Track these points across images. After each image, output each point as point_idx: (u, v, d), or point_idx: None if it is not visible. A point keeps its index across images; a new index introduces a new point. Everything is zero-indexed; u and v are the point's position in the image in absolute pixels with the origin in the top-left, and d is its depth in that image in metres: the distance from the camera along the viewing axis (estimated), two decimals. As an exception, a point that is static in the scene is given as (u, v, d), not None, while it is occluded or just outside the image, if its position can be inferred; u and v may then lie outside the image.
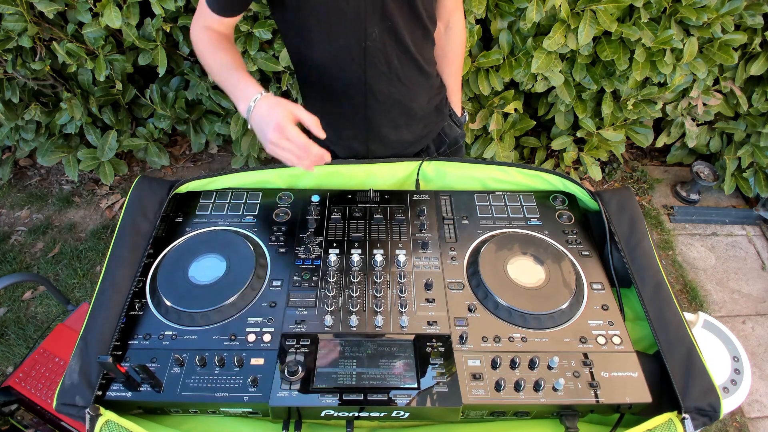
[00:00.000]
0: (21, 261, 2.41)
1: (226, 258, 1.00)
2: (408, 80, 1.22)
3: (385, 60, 1.15)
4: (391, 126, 1.29)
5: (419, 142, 1.39)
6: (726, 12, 1.92)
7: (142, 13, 2.01)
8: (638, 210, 1.08)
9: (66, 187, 2.75)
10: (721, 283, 2.46)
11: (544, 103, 2.37)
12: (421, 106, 1.31)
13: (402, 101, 1.25)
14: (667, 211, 2.76)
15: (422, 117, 1.34)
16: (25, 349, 2.08)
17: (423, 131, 1.37)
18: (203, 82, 2.26)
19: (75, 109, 2.17)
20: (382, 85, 1.19)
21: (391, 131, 1.30)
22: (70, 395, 0.80)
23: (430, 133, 1.41)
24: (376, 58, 1.13)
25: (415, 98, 1.28)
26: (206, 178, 1.16)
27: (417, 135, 1.36)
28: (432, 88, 1.33)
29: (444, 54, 1.37)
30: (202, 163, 2.88)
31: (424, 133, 1.38)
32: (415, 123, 1.33)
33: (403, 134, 1.32)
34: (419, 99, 1.29)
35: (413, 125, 1.33)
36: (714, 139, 2.59)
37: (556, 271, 1.00)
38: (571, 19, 1.85)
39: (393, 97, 1.23)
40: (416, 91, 1.27)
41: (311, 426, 0.92)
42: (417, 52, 1.19)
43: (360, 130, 1.29)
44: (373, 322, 0.93)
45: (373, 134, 1.29)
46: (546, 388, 0.85)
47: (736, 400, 1.21)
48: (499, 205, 1.16)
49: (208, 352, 0.88)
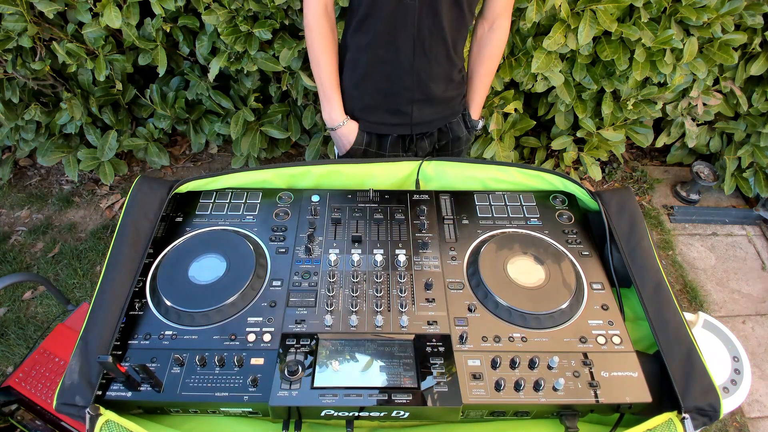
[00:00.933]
0: (21, 261, 2.41)
1: (226, 258, 1.00)
2: (432, 56, 1.29)
3: (416, 25, 1.22)
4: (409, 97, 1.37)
5: (432, 123, 1.45)
6: (726, 12, 1.92)
7: (142, 13, 2.01)
8: (638, 210, 1.08)
9: (66, 187, 2.75)
10: (721, 283, 2.46)
11: (544, 103, 2.38)
12: (437, 91, 1.36)
13: (421, 75, 1.32)
14: (667, 211, 2.76)
15: (437, 101, 1.39)
16: (25, 349, 2.08)
17: (431, 116, 1.42)
18: (203, 82, 2.26)
19: (75, 109, 2.17)
20: (408, 48, 1.27)
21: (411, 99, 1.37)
22: (70, 395, 0.80)
23: (435, 122, 1.45)
24: (408, 18, 1.22)
25: (434, 79, 1.34)
26: (206, 178, 1.16)
27: (426, 116, 1.41)
28: (452, 81, 1.38)
29: (480, 52, 1.41)
30: (202, 163, 2.88)
31: (430, 118, 1.43)
32: (427, 104, 1.39)
33: (419, 110, 1.40)
34: (437, 82, 1.35)
35: (425, 105, 1.39)
36: (714, 139, 2.59)
37: (556, 271, 1.00)
38: (571, 19, 1.86)
39: (414, 65, 1.30)
40: (437, 71, 1.33)
41: (311, 426, 0.92)
42: (448, 31, 1.25)
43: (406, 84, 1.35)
44: (373, 322, 0.93)
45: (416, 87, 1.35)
46: (546, 388, 0.85)
47: (736, 400, 1.21)
48: (499, 205, 1.16)
49: (208, 351, 0.88)
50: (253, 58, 2.04)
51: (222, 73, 2.28)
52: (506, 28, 1.38)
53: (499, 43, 1.40)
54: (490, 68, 1.44)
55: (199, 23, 2.07)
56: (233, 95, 2.34)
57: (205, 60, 2.15)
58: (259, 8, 1.93)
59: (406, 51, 1.28)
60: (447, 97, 1.42)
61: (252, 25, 1.96)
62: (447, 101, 1.43)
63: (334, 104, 1.39)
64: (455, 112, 1.48)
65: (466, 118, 1.51)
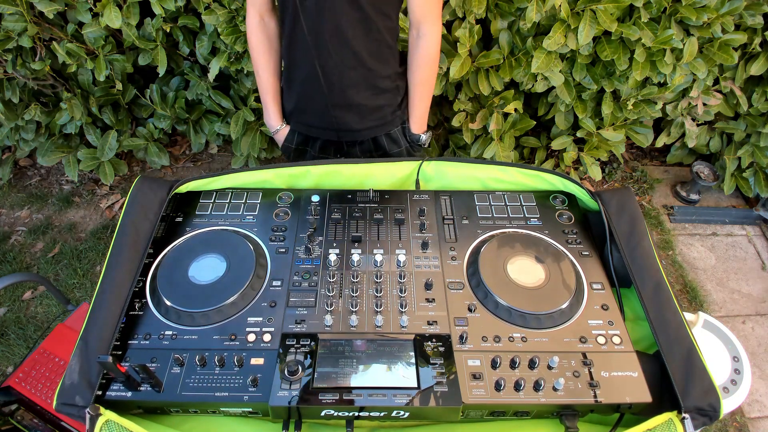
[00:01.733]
0: (21, 261, 2.41)
1: (226, 258, 1.00)
2: (340, 60, 1.27)
3: (315, 29, 1.22)
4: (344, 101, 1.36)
5: (361, 132, 1.42)
6: (726, 12, 1.92)
7: (142, 13, 2.01)
8: (638, 210, 1.08)
9: (66, 187, 2.75)
10: (721, 283, 2.46)
11: (544, 103, 2.37)
12: (359, 98, 1.34)
13: (333, 80, 1.31)
14: (667, 211, 2.76)
15: (362, 109, 1.36)
16: (25, 349, 2.08)
17: (358, 124, 1.40)
18: (203, 82, 2.26)
19: (75, 109, 2.17)
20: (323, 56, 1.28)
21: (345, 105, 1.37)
22: (70, 395, 0.80)
23: (364, 131, 1.42)
24: (309, 20, 1.22)
25: (352, 85, 1.32)
26: (206, 178, 1.16)
27: (351, 124, 1.40)
28: (377, 88, 1.34)
29: (411, 61, 1.35)
30: (202, 163, 2.88)
31: (357, 126, 1.40)
32: (349, 110, 1.37)
33: (346, 116, 1.39)
34: (356, 88, 1.32)
35: (347, 112, 1.37)
36: (714, 139, 2.59)
37: (556, 271, 1.00)
38: (571, 19, 1.85)
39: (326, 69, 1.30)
40: (352, 76, 1.30)
41: (311, 426, 0.92)
42: (351, 35, 1.22)
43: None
44: (373, 321, 0.93)
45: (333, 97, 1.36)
46: (546, 388, 0.85)
47: (736, 400, 1.21)
48: (499, 205, 1.16)
49: (208, 351, 0.88)
50: (253, 58, 2.05)
51: (222, 73, 2.28)
52: (432, 34, 1.28)
53: (426, 51, 1.30)
54: (421, 78, 1.35)
55: (199, 23, 2.07)
56: (233, 95, 2.34)
57: (205, 60, 2.15)
58: (259, 8, 1.93)
59: (311, 53, 1.26)
60: (375, 106, 1.36)
61: (252, 25, 1.96)
62: (375, 110, 1.37)
63: (269, 111, 1.47)
64: (388, 123, 1.41)
65: (406, 131, 1.45)
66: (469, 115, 2.26)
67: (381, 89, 1.35)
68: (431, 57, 1.32)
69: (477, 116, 2.23)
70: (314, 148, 1.50)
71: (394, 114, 1.42)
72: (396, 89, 1.39)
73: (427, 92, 1.40)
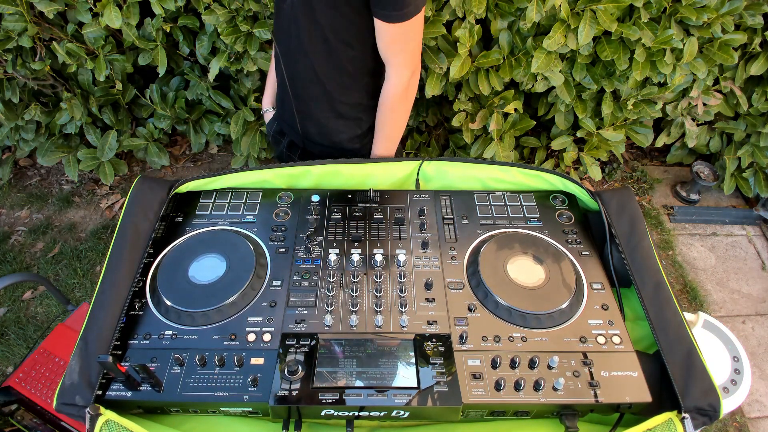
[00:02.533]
0: (21, 261, 2.41)
1: (226, 258, 1.00)
2: (302, 72, 1.27)
3: (290, 33, 1.22)
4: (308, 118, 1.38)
5: (322, 145, 1.40)
6: (726, 12, 1.92)
7: (142, 13, 2.01)
8: (638, 210, 1.08)
9: (66, 187, 2.75)
10: (721, 283, 2.46)
11: (544, 103, 2.37)
12: (317, 112, 1.33)
13: (297, 85, 1.32)
14: (667, 211, 2.76)
15: (321, 124, 1.35)
16: (25, 349, 2.08)
17: (318, 137, 1.39)
18: (203, 82, 2.26)
19: (75, 109, 2.17)
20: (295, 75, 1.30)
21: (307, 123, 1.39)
22: (70, 395, 0.80)
23: (325, 148, 1.40)
24: (283, 25, 1.23)
25: (312, 98, 1.31)
26: (206, 178, 1.16)
27: (312, 135, 1.39)
28: (336, 112, 1.31)
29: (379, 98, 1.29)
30: (202, 163, 2.88)
31: (318, 140, 1.39)
32: (309, 121, 1.36)
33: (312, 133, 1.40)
34: (316, 101, 1.31)
35: (308, 121, 1.37)
36: (714, 139, 2.59)
37: (556, 270, 1.00)
38: (571, 19, 1.85)
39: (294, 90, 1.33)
40: (312, 91, 1.29)
41: (311, 426, 0.92)
42: (311, 53, 1.20)
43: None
44: (373, 321, 0.93)
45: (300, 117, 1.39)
46: (546, 388, 0.85)
47: (736, 400, 1.21)
48: (499, 205, 1.16)
49: (208, 351, 0.88)
50: (253, 58, 2.05)
51: (222, 73, 2.28)
52: (396, 77, 1.19)
53: (386, 94, 1.24)
54: (381, 118, 1.29)
55: (199, 23, 2.07)
56: (233, 95, 2.34)
57: (205, 60, 2.15)
58: (259, 8, 1.93)
59: (279, 56, 1.30)
60: (333, 128, 1.33)
61: (252, 25, 1.96)
62: (334, 132, 1.34)
63: (265, 92, 1.60)
64: (347, 150, 1.38)
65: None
66: (469, 115, 2.26)
67: (340, 113, 1.31)
68: (391, 101, 1.24)
69: (477, 116, 2.23)
70: (284, 143, 1.55)
71: (352, 143, 1.37)
72: (358, 120, 1.34)
73: (386, 135, 1.32)
